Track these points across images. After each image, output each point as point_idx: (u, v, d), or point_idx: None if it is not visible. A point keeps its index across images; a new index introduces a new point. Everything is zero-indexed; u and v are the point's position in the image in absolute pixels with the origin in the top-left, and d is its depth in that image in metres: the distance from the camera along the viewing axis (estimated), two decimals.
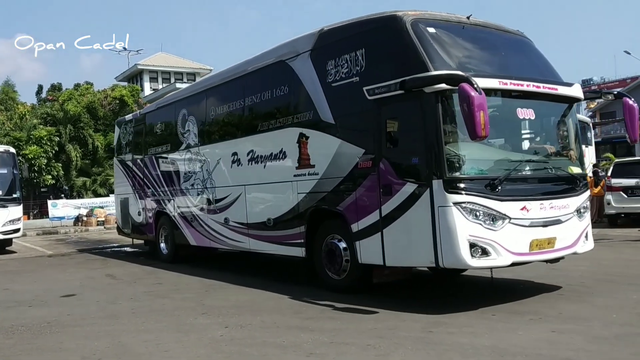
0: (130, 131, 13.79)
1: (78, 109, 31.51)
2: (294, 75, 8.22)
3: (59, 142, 30.39)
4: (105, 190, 30.79)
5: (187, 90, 11.44)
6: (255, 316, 6.49)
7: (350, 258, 7.37)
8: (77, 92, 34.37)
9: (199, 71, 45.40)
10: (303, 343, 5.28)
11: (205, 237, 10.57)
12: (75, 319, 6.85)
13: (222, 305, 7.21)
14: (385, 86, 6.59)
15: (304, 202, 8.04)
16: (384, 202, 6.65)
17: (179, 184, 11.40)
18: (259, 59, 9.16)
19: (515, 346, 4.87)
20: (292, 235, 8.31)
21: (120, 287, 9.34)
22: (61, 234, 23.65)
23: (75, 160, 31.00)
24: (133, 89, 35.37)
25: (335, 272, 7.58)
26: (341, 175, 7.32)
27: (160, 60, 46.35)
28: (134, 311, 7.13)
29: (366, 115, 6.96)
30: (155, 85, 44.90)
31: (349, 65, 7.23)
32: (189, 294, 8.22)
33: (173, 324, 6.33)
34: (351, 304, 6.70)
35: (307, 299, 7.27)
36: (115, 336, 5.91)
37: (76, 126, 31.35)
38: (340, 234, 7.55)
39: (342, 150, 7.31)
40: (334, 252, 7.59)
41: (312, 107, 7.83)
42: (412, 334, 5.39)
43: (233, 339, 5.59)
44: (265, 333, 5.75)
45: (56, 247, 17.01)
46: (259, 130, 8.97)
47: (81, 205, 28.33)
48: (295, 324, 6.09)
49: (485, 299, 6.66)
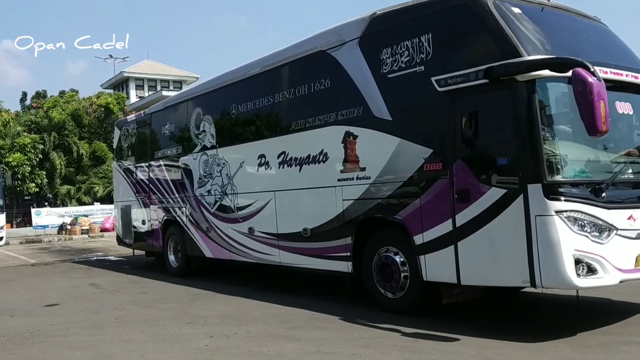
0: (132, 133, 12.68)
1: (63, 117, 31.23)
2: (337, 67, 7.26)
3: (43, 149, 30.06)
4: (90, 198, 30.65)
5: (201, 87, 10.39)
6: (241, 326, 6.42)
7: (409, 274, 6.42)
8: (62, 99, 34.03)
9: (186, 79, 45.73)
10: (289, 353, 5.25)
11: (225, 248, 9.52)
12: (59, 329, 6.73)
13: (208, 315, 7.14)
14: (462, 75, 5.67)
15: (350, 210, 7.07)
16: (460, 210, 5.71)
17: (192, 190, 10.34)
18: (293, 50, 8.18)
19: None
20: (334, 247, 7.32)
21: (105, 296, 9.21)
22: (45, 243, 23.32)
23: (59, 168, 30.70)
24: (119, 97, 35.18)
25: (390, 290, 6.62)
26: (401, 179, 6.38)
27: (146, 68, 46.05)
28: (118, 321, 7.04)
29: (435, 109, 6.03)
30: (141, 93, 44.83)
31: (411, 53, 6.30)
32: (174, 304, 8.12)
33: (158, 334, 6.25)
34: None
35: (294, 307, 7.22)
36: (99, 346, 5.85)
37: (61, 134, 31.07)
38: (397, 247, 6.60)
39: (402, 150, 6.37)
40: (388, 267, 6.63)
41: (361, 102, 6.88)
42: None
43: (218, 348, 5.54)
44: (251, 343, 5.69)
45: (39, 256, 16.84)
46: (293, 129, 7.99)
47: (65, 213, 28.00)
48: (282, 333, 6.03)
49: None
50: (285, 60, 8.25)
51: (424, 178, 6.11)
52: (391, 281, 6.60)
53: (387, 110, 6.57)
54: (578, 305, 6.40)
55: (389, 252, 6.66)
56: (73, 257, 16.08)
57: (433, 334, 5.56)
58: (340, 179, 7.16)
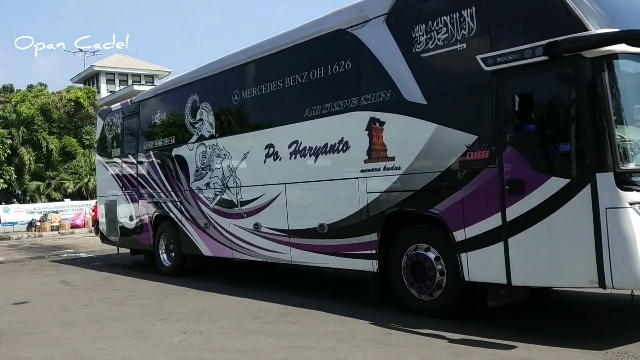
0: (117, 123, 11.79)
1: (32, 111, 30.60)
2: (360, 47, 6.62)
3: (12, 145, 29.50)
4: (60, 194, 30.09)
5: (197, 73, 9.58)
6: (215, 321, 6.40)
7: (446, 273, 5.84)
8: (30, 93, 32.73)
9: (158, 73, 44.92)
10: (263, 348, 5.22)
11: (226, 246, 8.80)
12: (28, 327, 6.65)
13: (181, 311, 7.07)
14: (514, 52, 5.09)
15: (376, 204, 6.45)
16: (511, 203, 5.14)
17: (187, 184, 9.58)
18: (307, 30, 7.49)
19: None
20: (357, 244, 6.70)
21: (75, 293, 9.07)
22: (14, 240, 22.92)
23: (28, 163, 30.13)
24: (89, 91, 34.52)
25: (425, 291, 6.02)
26: (438, 169, 5.78)
27: (117, 62, 45.02)
28: (89, 318, 6.97)
29: (480, 90, 5.45)
30: (112, 88, 43.97)
31: (450, 30, 5.70)
32: (146, 300, 8.02)
33: (130, 331, 6.17)
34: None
35: (267, 301, 7.25)
36: (69, 344, 5.78)
37: (29, 129, 30.45)
38: (432, 243, 6.00)
39: (440, 137, 5.77)
40: (421, 266, 6.04)
41: (389, 85, 6.26)
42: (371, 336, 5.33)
43: (191, 344, 5.49)
44: (225, 338, 5.66)
45: (8, 254, 16.63)
46: (307, 116, 7.31)
47: (35, 210, 27.52)
48: (255, 328, 6.01)
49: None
50: (298, 41, 7.56)
51: (467, 167, 5.52)
52: (424, 281, 6.01)
53: (420, 94, 5.96)
54: (633, 306, 5.89)
55: (421, 250, 6.06)
56: (43, 255, 15.87)
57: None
58: (364, 169, 6.54)
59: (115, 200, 11.67)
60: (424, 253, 6.01)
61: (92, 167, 30.19)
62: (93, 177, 29.74)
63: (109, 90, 42.91)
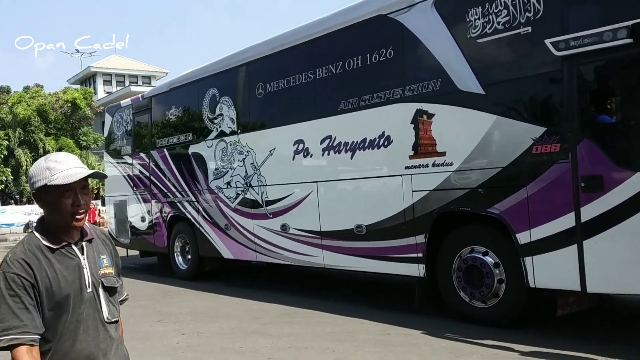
0: (127, 120, 11.23)
1: (28, 112, 30.17)
2: (404, 33, 6.12)
3: (8, 146, 29.15)
4: None
5: (216, 65, 9.03)
6: (213, 322, 6.39)
7: (506, 279, 5.35)
8: (27, 94, 32.18)
9: (155, 74, 44.25)
10: (261, 348, 5.22)
11: (249, 248, 8.27)
12: None
13: (179, 312, 7.06)
14: (591, 35, 4.59)
15: (423, 203, 5.94)
16: (587, 202, 4.65)
17: (205, 182, 9.04)
18: (341, 17, 6.97)
19: None
20: (400, 247, 6.19)
21: None
22: (10, 242, 22.48)
23: (25, 165, 29.47)
24: (86, 92, 34.07)
25: (480, 298, 5.53)
26: (498, 164, 5.28)
27: (114, 63, 44.49)
28: None
29: (549, 78, 4.97)
30: (109, 89, 43.48)
31: (512, 12, 5.20)
32: (145, 301, 7.93)
33: (128, 332, 5.94)
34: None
35: (266, 302, 7.22)
36: None
37: (26, 130, 30.07)
38: (488, 246, 5.51)
39: (500, 129, 5.28)
40: (476, 271, 5.55)
41: (439, 74, 5.76)
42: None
43: (190, 345, 5.49)
44: (224, 339, 5.64)
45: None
46: (342, 110, 6.80)
47: (31, 211, 26.88)
48: (254, 329, 6.00)
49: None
50: (331, 29, 7.04)
51: (533, 163, 5.02)
52: (480, 287, 5.51)
53: (477, 82, 5.46)
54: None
55: (476, 253, 5.57)
56: None
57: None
58: (409, 166, 6.03)
59: (126, 200, 11.09)
60: (481, 257, 5.51)
61: (89, 168, 29.57)
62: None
63: (106, 91, 42.38)
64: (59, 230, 1.91)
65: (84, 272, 1.91)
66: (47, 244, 1.87)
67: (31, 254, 1.83)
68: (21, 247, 1.86)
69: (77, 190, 1.88)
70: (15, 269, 1.79)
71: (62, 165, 1.87)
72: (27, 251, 1.84)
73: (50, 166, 1.87)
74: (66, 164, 1.88)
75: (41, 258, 1.84)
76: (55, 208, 1.87)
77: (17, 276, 1.78)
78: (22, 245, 1.87)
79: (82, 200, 1.89)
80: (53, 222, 1.91)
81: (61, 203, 1.86)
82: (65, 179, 1.84)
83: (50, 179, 1.84)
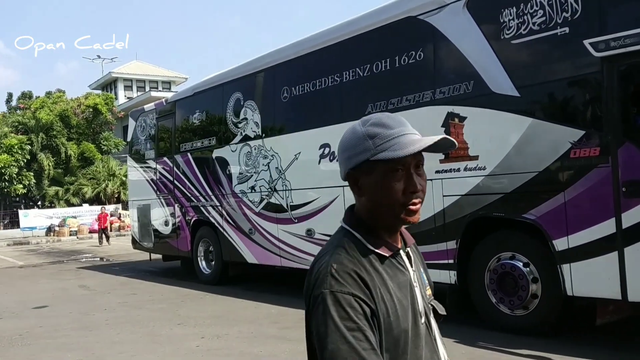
0: (151, 124, 11.25)
1: (50, 117, 30.28)
2: (435, 35, 6.01)
3: (31, 150, 29.28)
4: (78, 199, 29.91)
5: (240, 70, 8.99)
6: (232, 326, 6.39)
7: (541, 286, 5.19)
8: (49, 100, 32.57)
9: (175, 79, 44.48)
10: (280, 353, 5.19)
11: (273, 253, 8.20)
12: (48, 331, 6.68)
13: (198, 316, 7.07)
14: (634, 36, 4.45)
15: (455, 208, 5.81)
16: (629, 207, 4.49)
17: (229, 187, 9.00)
18: (369, 19, 6.89)
19: None
20: (430, 253, 6.03)
21: (94, 298, 9.05)
22: (33, 245, 22.85)
23: (47, 169, 29.83)
24: (107, 97, 34.19)
25: (514, 305, 5.37)
26: (534, 169, 5.13)
27: (134, 69, 44.96)
28: (108, 322, 6.99)
29: (588, 79, 4.83)
30: (130, 94, 43.82)
31: (548, 12, 5.07)
32: (164, 304, 8.00)
33: (148, 335, 6.20)
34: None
35: (285, 306, 7.16)
36: (89, 348, 5.78)
37: (48, 134, 30.21)
38: (522, 252, 5.36)
39: (536, 133, 5.13)
40: (510, 278, 5.39)
41: (471, 76, 5.64)
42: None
43: (210, 349, 5.48)
44: (242, 343, 5.64)
45: (27, 258, 16.67)
46: (370, 113, 6.69)
47: (53, 215, 27.55)
48: (273, 333, 5.99)
49: None
50: (358, 31, 6.96)
51: (571, 167, 4.88)
52: (514, 295, 5.36)
53: (511, 85, 5.33)
54: None
55: (511, 260, 5.42)
56: (62, 259, 15.80)
57: None
58: (440, 170, 5.91)
59: (149, 204, 11.10)
60: (515, 264, 5.36)
61: (110, 172, 29.87)
62: (111, 182, 29.45)
63: (127, 97, 42.71)
64: (382, 228, 1.30)
65: (416, 293, 1.30)
66: (375, 250, 1.26)
67: (360, 265, 1.22)
68: (344, 253, 1.23)
69: (411, 168, 1.27)
70: (350, 287, 1.17)
71: (392, 130, 1.28)
72: (354, 260, 1.22)
73: (373, 132, 1.27)
74: (397, 129, 1.29)
75: (371, 271, 1.22)
76: (381, 195, 1.25)
77: (355, 298, 1.16)
78: (344, 249, 1.25)
79: (418, 184, 1.27)
80: (375, 216, 1.29)
81: (389, 187, 1.25)
82: (400, 150, 1.24)
83: (374, 152, 1.25)
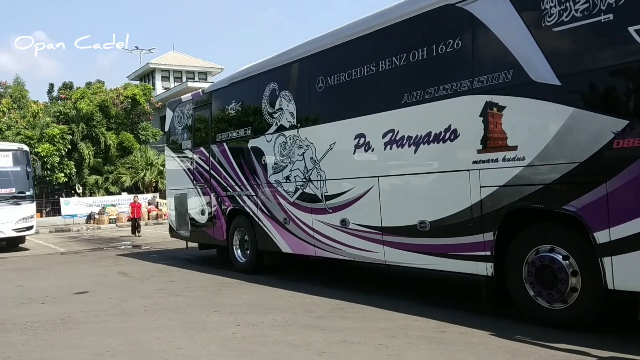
0: (188, 114, 11.41)
1: (90, 108, 30.87)
2: (473, 23, 5.91)
3: (72, 140, 29.90)
4: (117, 188, 30.55)
5: (276, 60, 9.03)
6: (267, 314, 6.46)
7: (582, 280, 5.09)
8: (89, 90, 33.36)
9: (211, 70, 45.10)
10: (315, 342, 5.24)
11: (308, 243, 8.24)
12: (88, 316, 6.83)
13: (234, 304, 7.17)
14: None
15: (492, 199, 5.73)
16: None
17: (264, 177, 9.07)
18: (405, 8, 6.80)
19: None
20: (467, 245, 6.00)
21: (133, 284, 9.23)
22: (73, 232, 23.51)
23: (87, 158, 30.53)
24: (145, 88, 34.65)
25: (552, 299, 5.28)
26: (575, 159, 5.01)
27: (171, 59, 45.70)
28: (146, 309, 7.11)
29: (633, 68, 4.66)
30: (167, 85, 44.53)
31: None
32: (201, 292, 8.15)
33: (185, 322, 6.30)
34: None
35: (319, 296, 7.30)
36: (128, 333, 5.89)
37: (88, 124, 30.83)
38: (562, 245, 5.25)
39: (578, 123, 5.00)
40: (549, 271, 5.30)
41: (511, 65, 5.53)
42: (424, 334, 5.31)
43: (245, 337, 5.57)
44: (277, 331, 5.71)
45: (68, 245, 17.12)
46: (406, 102, 6.65)
47: (93, 203, 28.33)
48: (307, 322, 6.04)
49: None
50: (395, 20, 6.87)
51: (614, 157, 4.74)
52: (553, 288, 5.27)
53: (552, 73, 5.20)
54: None
55: (550, 252, 5.32)
56: (101, 246, 16.30)
57: None
58: (478, 160, 5.83)
59: (186, 193, 11.29)
60: (555, 256, 5.26)
61: (148, 162, 30.44)
62: (149, 171, 30.02)
63: (164, 87, 43.45)
64: None
65: None
66: None
67: None
68: None
69: None
70: None
71: None
72: None
73: None
74: None
75: None
76: None
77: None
78: None
79: None
80: None
81: None
82: None
83: None
